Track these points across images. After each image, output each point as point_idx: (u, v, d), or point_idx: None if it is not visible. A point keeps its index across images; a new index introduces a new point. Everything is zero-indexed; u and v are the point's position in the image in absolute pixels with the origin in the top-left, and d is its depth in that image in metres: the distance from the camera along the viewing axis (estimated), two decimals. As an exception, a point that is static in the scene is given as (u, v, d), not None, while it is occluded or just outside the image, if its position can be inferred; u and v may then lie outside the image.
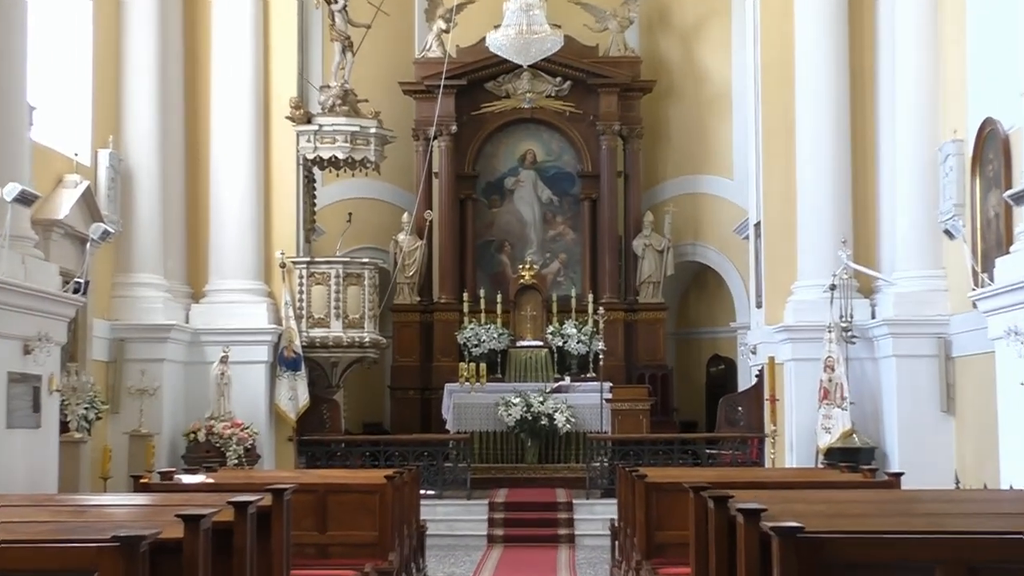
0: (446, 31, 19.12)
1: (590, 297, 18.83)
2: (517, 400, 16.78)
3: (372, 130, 16.09)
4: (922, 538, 4.89)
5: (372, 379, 19.23)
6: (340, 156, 16.00)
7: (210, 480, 9.41)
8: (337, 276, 15.75)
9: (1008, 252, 10.34)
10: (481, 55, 18.34)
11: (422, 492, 13.25)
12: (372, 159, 16.19)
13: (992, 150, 11.35)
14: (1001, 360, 10.27)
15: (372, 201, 19.89)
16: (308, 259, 15.89)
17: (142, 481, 8.91)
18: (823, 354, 13.69)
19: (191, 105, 15.48)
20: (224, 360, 14.48)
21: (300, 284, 15.62)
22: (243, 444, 14.23)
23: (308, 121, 15.89)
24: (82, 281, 11.69)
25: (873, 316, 14.17)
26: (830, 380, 13.61)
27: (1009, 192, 10.47)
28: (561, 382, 17.75)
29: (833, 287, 13.74)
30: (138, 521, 6.07)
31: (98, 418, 12.48)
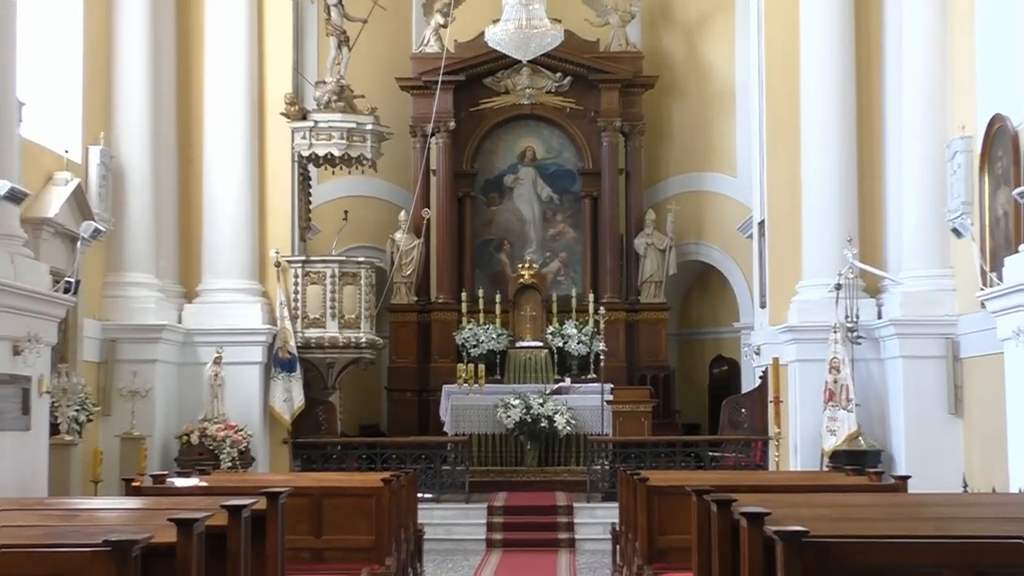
0: (444, 26, 19.13)
1: (591, 297, 18.83)
2: (516, 402, 16.77)
3: (368, 127, 16.09)
4: (929, 543, 4.90)
5: (368, 380, 19.22)
6: (336, 153, 16.00)
7: (203, 483, 9.41)
8: (333, 275, 15.75)
9: (1017, 251, 10.34)
10: (480, 50, 18.33)
11: (419, 495, 13.25)
12: (368, 156, 16.19)
13: (1001, 147, 11.35)
14: (1010, 361, 10.27)
15: (368, 199, 19.89)
16: (303, 258, 15.89)
17: (134, 484, 8.92)
18: (828, 355, 13.69)
19: (184, 101, 15.48)
20: (218, 361, 14.47)
21: (295, 284, 15.62)
22: (237, 447, 14.23)
23: (303, 117, 15.89)
24: (73, 280, 11.69)
25: (879, 316, 14.16)
26: (835, 381, 13.60)
27: (1018, 190, 10.47)
28: (561, 383, 17.74)
29: (838, 287, 13.74)
30: (130, 525, 6.07)
31: (89, 420, 12.47)
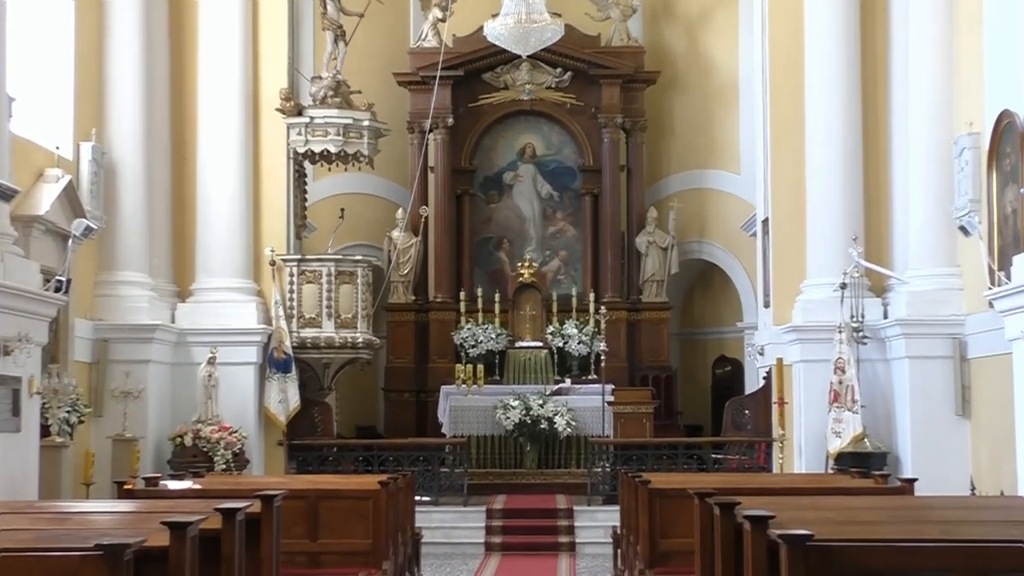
0: (442, 20, 19.12)
1: (591, 296, 18.83)
2: (516, 403, 16.78)
3: (365, 123, 16.10)
4: (936, 547, 4.90)
5: (365, 381, 19.22)
6: (332, 150, 16.01)
7: (197, 486, 9.41)
8: (329, 274, 15.75)
9: (1025, 249, 10.35)
10: (479, 45, 18.33)
11: (417, 498, 13.26)
12: (365, 153, 16.20)
13: (1009, 143, 11.35)
14: (1018, 361, 10.27)
15: (365, 196, 19.88)
16: (299, 257, 15.89)
17: (126, 487, 8.93)
18: (833, 355, 13.70)
19: (177, 96, 15.48)
20: (211, 361, 14.48)
21: (290, 282, 15.63)
22: (231, 448, 14.24)
23: (299, 113, 15.89)
24: (64, 279, 11.71)
25: (885, 316, 14.17)
26: (840, 382, 13.61)
27: (1027, 187, 10.48)
28: (561, 384, 17.74)
29: (844, 286, 13.75)
30: (122, 529, 6.07)
31: (80, 422, 12.47)
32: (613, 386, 16.76)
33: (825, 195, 14.57)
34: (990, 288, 11.20)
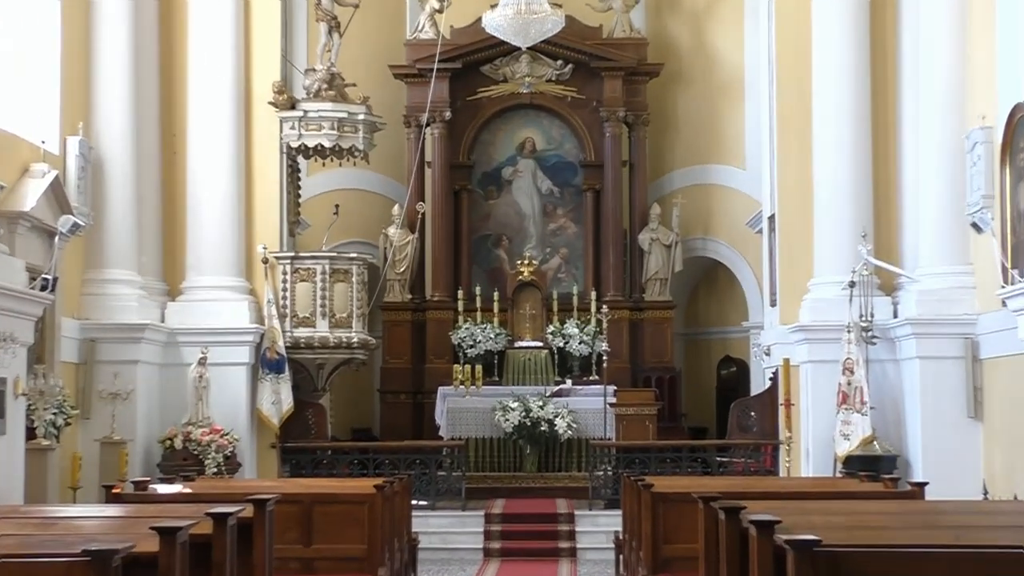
0: (439, 11, 19.13)
1: (593, 295, 18.85)
2: (515, 404, 16.79)
3: (360, 116, 16.09)
4: (948, 553, 4.90)
5: (360, 382, 19.24)
6: (326, 144, 16.01)
7: (187, 490, 9.42)
8: (323, 272, 15.75)
9: (1039, 247, 10.35)
10: (477, 36, 18.35)
11: (414, 503, 13.25)
12: (360, 147, 16.19)
13: (1023, 138, 11.35)
14: (1032, 362, 10.28)
15: (360, 192, 19.89)
16: (292, 254, 15.90)
17: (114, 491, 8.92)
18: (842, 356, 13.69)
19: (167, 89, 15.47)
20: (202, 362, 14.47)
21: (284, 281, 15.62)
22: (223, 451, 14.24)
23: (292, 107, 15.89)
24: (50, 277, 11.69)
25: (895, 315, 14.17)
26: (849, 383, 13.61)
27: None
28: (562, 385, 17.77)
29: (852, 284, 13.74)
30: (110, 534, 6.07)
31: (67, 424, 12.46)
32: (615, 387, 16.76)
33: (833, 191, 14.57)
34: (1003, 286, 11.20)
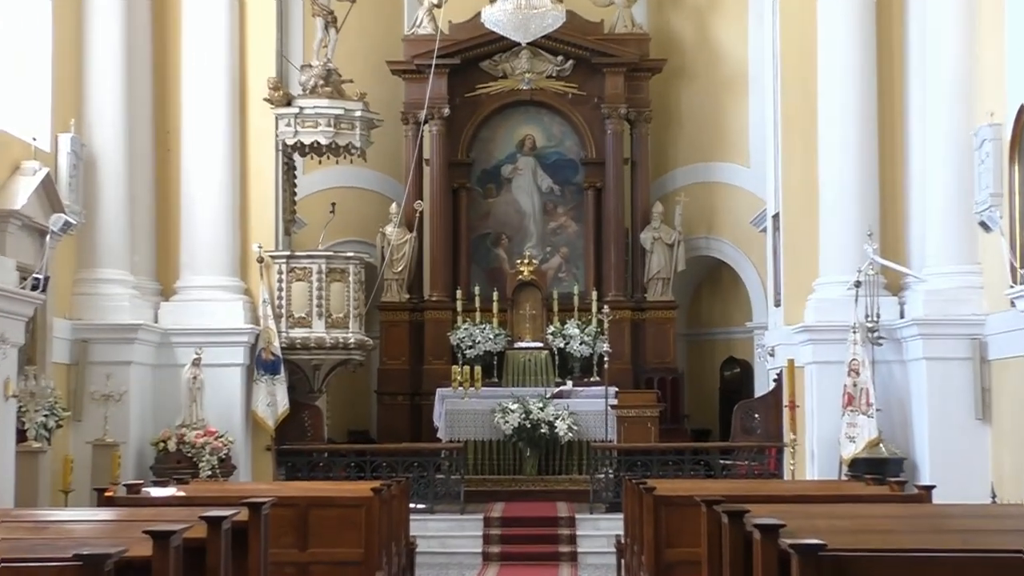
0: (438, 5, 19.11)
1: (594, 295, 18.84)
2: (515, 406, 16.78)
3: (357, 113, 16.09)
4: (955, 557, 4.90)
5: (357, 383, 19.23)
6: (323, 141, 16.00)
7: (181, 493, 9.42)
8: (319, 272, 15.75)
9: (1049, 246, 10.35)
10: (476, 32, 18.34)
11: (412, 506, 13.26)
12: (357, 145, 16.19)
13: (1032, 135, 11.36)
14: (1041, 363, 10.28)
15: (357, 190, 19.88)
16: (288, 253, 15.89)
17: (107, 494, 8.92)
18: (847, 357, 13.70)
19: (160, 85, 15.46)
20: (196, 363, 14.47)
21: (279, 280, 15.62)
22: (217, 454, 14.24)
23: (288, 103, 15.88)
24: (41, 277, 11.69)
25: (902, 315, 14.17)
26: (855, 385, 13.61)
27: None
28: (562, 387, 17.76)
29: (858, 284, 13.75)
30: (102, 538, 6.07)
31: (59, 426, 12.47)
32: (616, 389, 16.76)
33: (839, 189, 14.57)
34: (1012, 286, 11.20)
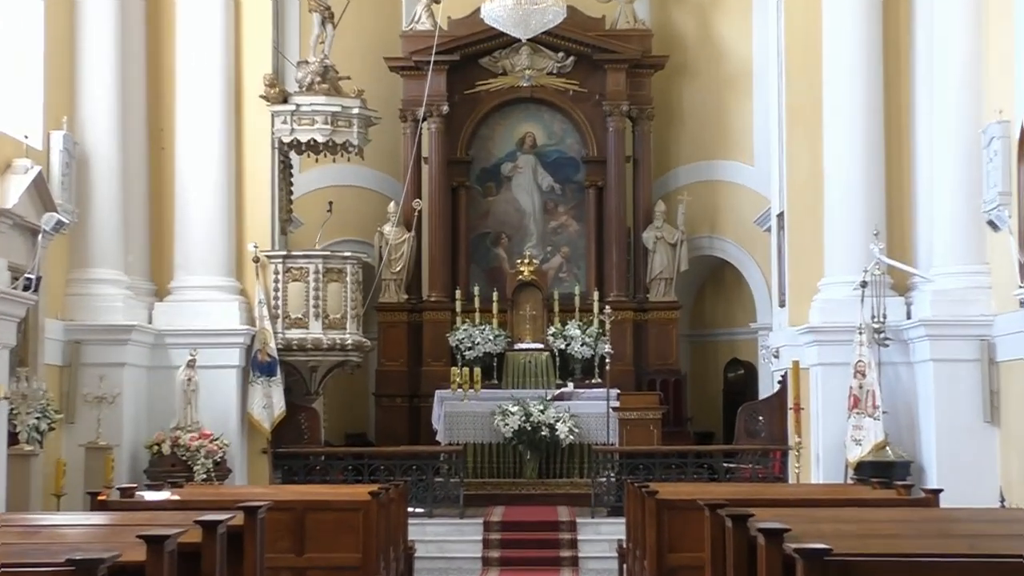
0: (436, 1, 19.12)
1: (595, 295, 18.84)
2: (515, 408, 16.78)
3: (355, 110, 16.08)
4: (963, 562, 4.90)
5: (355, 385, 19.23)
6: (319, 139, 16.00)
7: (175, 497, 9.42)
8: (316, 272, 15.75)
9: (1058, 245, 10.34)
10: (475, 28, 18.35)
11: (410, 510, 13.27)
12: (355, 142, 16.19)
13: (1041, 133, 11.35)
14: (1050, 365, 10.28)
15: (355, 189, 19.88)
16: (284, 253, 15.89)
17: (100, 498, 8.93)
18: (853, 358, 13.70)
19: (154, 82, 15.46)
20: (191, 364, 14.47)
21: (275, 281, 15.62)
22: (212, 457, 14.23)
23: (284, 100, 15.88)
24: (33, 277, 11.69)
25: (908, 316, 14.17)
26: (861, 387, 13.61)
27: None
28: (563, 389, 17.76)
29: (864, 284, 13.75)
30: (95, 543, 6.07)
31: (51, 429, 12.46)
32: (618, 391, 16.75)
33: (844, 188, 14.56)
34: (1021, 286, 11.20)
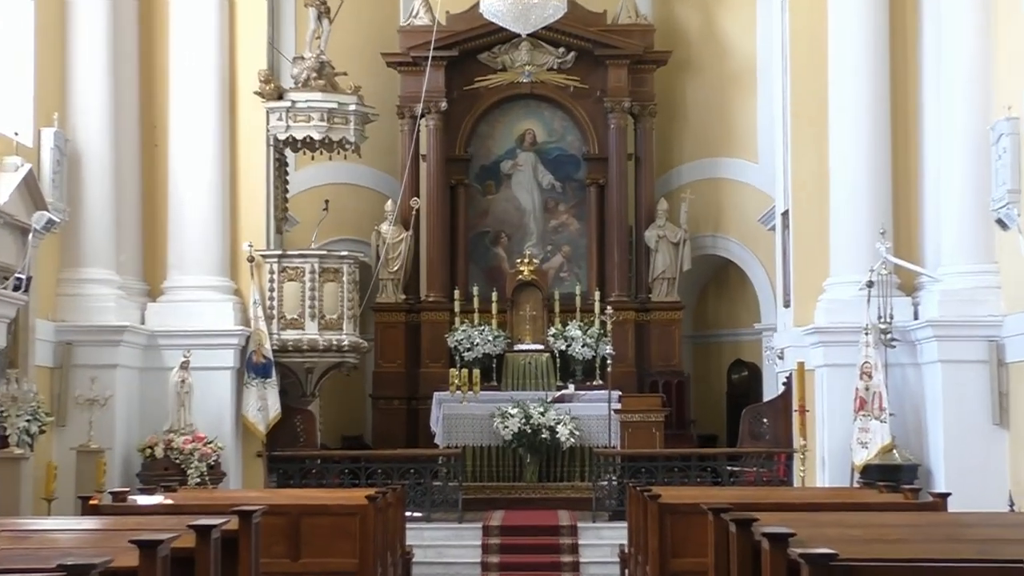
0: (435, -5, 19.13)
1: (597, 295, 18.84)
2: (515, 411, 16.78)
3: (352, 107, 16.08)
4: (971, 567, 4.90)
5: (352, 387, 19.23)
6: (316, 136, 15.99)
7: (169, 501, 9.42)
8: (312, 271, 15.75)
9: (1068, 244, 10.35)
10: (474, 22, 18.36)
11: (408, 514, 13.27)
12: (352, 140, 16.18)
13: (1050, 129, 11.36)
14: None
15: (351, 187, 19.89)
16: (279, 252, 15.89)
17: (92, 502, 8.93)
18: (859, 359, 13.69)
19: (147, 78, 15.46)
20: (185, 366, 14.46)
21: (270, 280, 15.62)
22: (206, 460, 14.23)
23: (279, 97, 15.88)
24: (24, 277, 11.68)
25: (916, 316, 14.17)
26: (867, 388, 13.61)
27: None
28: (564, 391, 17.77)
29: (870, 284, 13.74)
30: (87, 548, 6.07)
31: (42, 431, 12.45)
32: (620, 393, 16.75)
33: (850, 186, 14.56)
34: (1029, 286, 11.20)
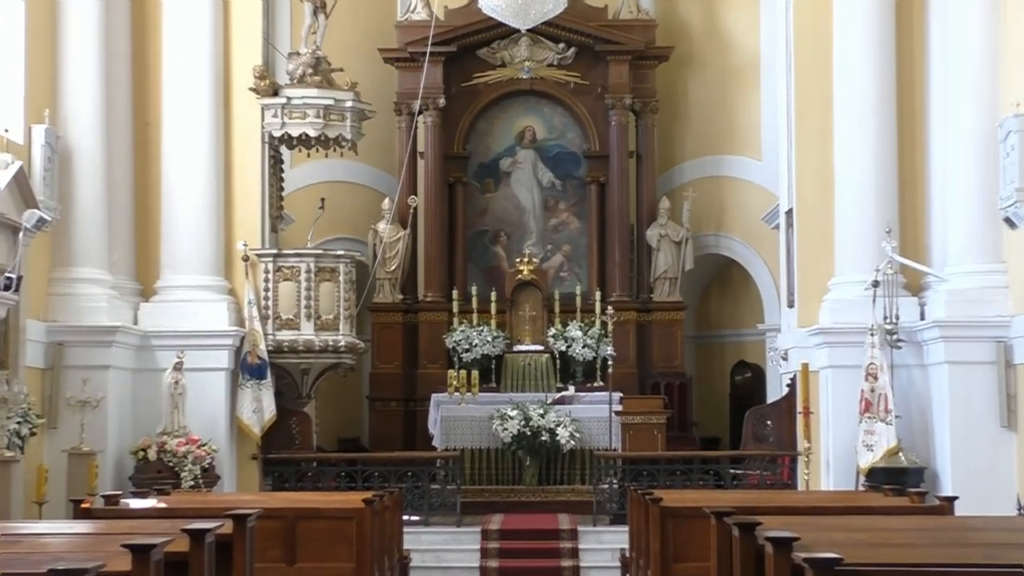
0: (433, -10, 19.12)
1: (597, 295, 18.83)
2: (514, 413, 16.78)
3: (348, 103, 16.08)
4: (978, 572, 4.89)
5: (348, 388, 19.22)
6: (311, 133, 15.99)
7: (162, 505, 9.42)
8: (308, 271, 15.75)
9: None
10: (473, 18, 18.35)
11: (405, 518, 13.27)
12: (348, 137, 16.18)
13: (1059, 127, 11.37)
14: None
15: (348, 185, 19.88)
16: (274, 251, 15.89)
17: (83, 506, 8.92)
18: (864, 360, 13.70)
19: (140, 74, 15.46)
20: (178, 367, 14.46)
21: (266, 280, 15.62)
22: (200, 463, 14.23)
23: (274, 93, 15.88)
24: (14, 276, 11.68)
25: (922, 317, 14.17)
26: (872, 390, 13.61)
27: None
28: (564, 392, 17.75)
29: (876, 284, 13.75)
30: (79, 552, 6.06)
31: (32, 434, 12.46)
32: (621, 394, 16.75)
33: (856, 184, 14.56)
34: (1038, 286, 11.21)
